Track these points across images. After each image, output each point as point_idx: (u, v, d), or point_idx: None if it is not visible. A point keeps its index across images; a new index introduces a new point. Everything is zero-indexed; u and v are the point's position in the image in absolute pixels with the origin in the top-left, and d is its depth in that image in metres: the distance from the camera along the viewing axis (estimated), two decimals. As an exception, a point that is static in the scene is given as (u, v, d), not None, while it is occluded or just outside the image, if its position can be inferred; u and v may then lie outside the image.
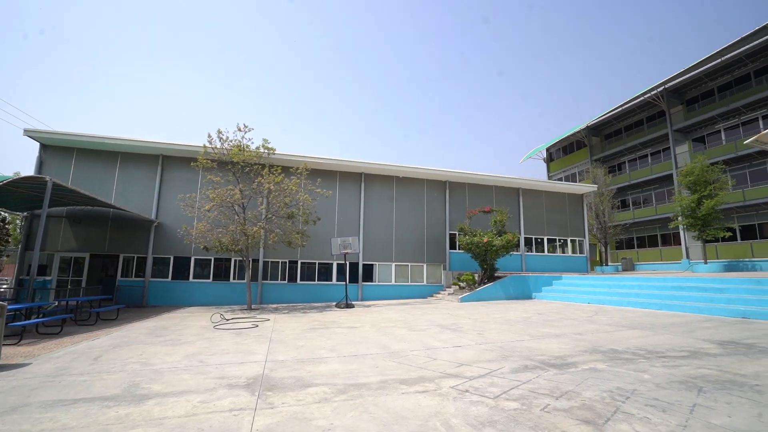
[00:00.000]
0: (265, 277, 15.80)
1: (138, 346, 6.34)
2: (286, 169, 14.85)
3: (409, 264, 18.06)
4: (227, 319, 9.94)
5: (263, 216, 13.78)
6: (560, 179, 37.73)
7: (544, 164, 41.78)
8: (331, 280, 16.67)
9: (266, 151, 13.90)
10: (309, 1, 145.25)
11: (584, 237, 22.04)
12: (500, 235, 16.32)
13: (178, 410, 3.30)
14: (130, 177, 15.12)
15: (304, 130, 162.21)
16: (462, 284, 17.10)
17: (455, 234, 18.67)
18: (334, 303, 15.02)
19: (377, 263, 17.50)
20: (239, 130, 13.54)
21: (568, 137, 37.09)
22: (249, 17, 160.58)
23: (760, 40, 22.61)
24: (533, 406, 3.25)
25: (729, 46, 22.90)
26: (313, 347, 6.15)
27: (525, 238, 20.44)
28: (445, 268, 18.60)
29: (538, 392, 3.62)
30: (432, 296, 17.54)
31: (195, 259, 15.14)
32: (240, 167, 13.55)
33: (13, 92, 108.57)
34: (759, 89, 23.62)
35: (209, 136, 13.33)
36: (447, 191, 19.30)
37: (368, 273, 17.32)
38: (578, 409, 3.16)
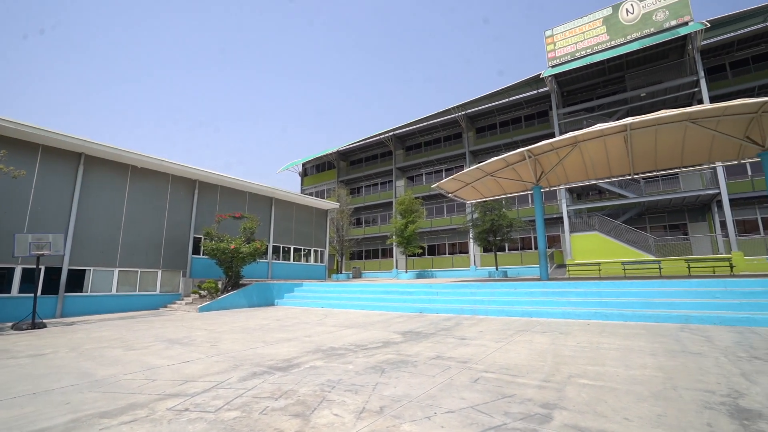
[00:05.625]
0: None
1: None
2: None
3: (140, 270, 15.34)
4: None
5: None
6: (311, 194, 41.31)
7: (299, 177, 44.77)
8: (9, 292, 12.06)
9: None
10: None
11: (325, 248, 24.87)
12: (249, 242, 16.28)
13: None
14: None
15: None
16: (203, 292, 15.93)
17: (201, 238, 17.29)
18: (10, 324, 10.89)
19: (92, 268, 13.99)
20: None
21: (321, 157, 41.24)
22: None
23: (446, 117, 32.61)
24: (253, 411, 3.46)
25: (432, 115, 31.78)
26: (-45, 392, 4.30)
27: (273, 246, 21.16)
28: (185, 275, 16.83)
29: (261, 396, 3.87)
30: (166, 307, 15.49)
31: None
32: None
33: None
34: (444, 150, 33.77)
35: None
36: (196, 191, 17.71)
37: (77, 281, 13.58)
38: (293, 405, 3.60)
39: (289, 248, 22.22)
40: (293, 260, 22.46)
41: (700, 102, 21.20)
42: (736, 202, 20.84)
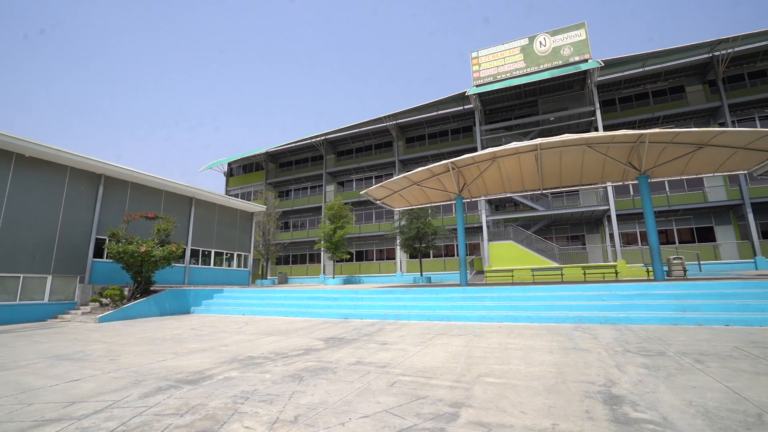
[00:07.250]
0: None
1: None
2: None
3: (22, 275, 13.23)
4: None
5: None
6: (237, 195, 39.25)
7: (224, 177, 42.31)
8: None
9: None
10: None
11: (249, 252, 23.74)
12: (163, 245, 14.96)
13: None
14: None
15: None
16: (105, 300, 14.26)
17: (105, 239, 15.48)
18: None
19: (-45, 274, 11.76)
20: None
21: (249, 157, 39.44)
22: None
23: (378, 125, 33.27)
24: (153, 429, 3.19)
25: (364, 122, 32.15)
26: None
27: (192, 249, 19.69)
28: (83, 281, 14.91)
29: (164, 414, 3.58)
30: (57, 318, 13.57)
31: None
32: None
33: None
34: (375, 157, 34.38)
35: None
36: (101, 187, 15.85)
37: (-70, 289, 11.29)
38: (200, 420, 3.39)
39: (209, 252, 20.81)
40: (214, 265, 21.07)
41: (597, 130, 24.33)
42: (622, 217, 24.21)
